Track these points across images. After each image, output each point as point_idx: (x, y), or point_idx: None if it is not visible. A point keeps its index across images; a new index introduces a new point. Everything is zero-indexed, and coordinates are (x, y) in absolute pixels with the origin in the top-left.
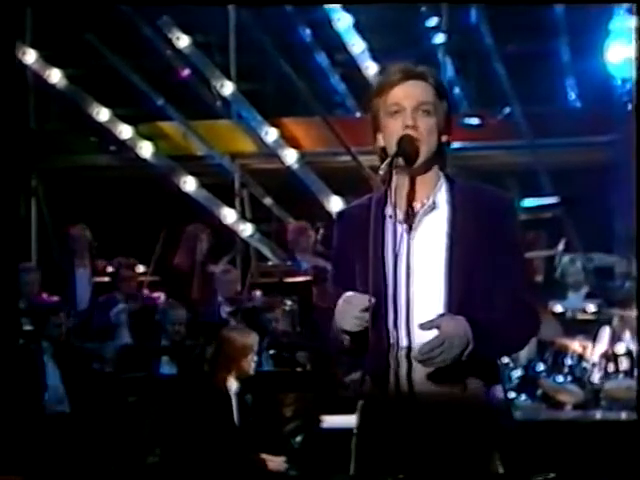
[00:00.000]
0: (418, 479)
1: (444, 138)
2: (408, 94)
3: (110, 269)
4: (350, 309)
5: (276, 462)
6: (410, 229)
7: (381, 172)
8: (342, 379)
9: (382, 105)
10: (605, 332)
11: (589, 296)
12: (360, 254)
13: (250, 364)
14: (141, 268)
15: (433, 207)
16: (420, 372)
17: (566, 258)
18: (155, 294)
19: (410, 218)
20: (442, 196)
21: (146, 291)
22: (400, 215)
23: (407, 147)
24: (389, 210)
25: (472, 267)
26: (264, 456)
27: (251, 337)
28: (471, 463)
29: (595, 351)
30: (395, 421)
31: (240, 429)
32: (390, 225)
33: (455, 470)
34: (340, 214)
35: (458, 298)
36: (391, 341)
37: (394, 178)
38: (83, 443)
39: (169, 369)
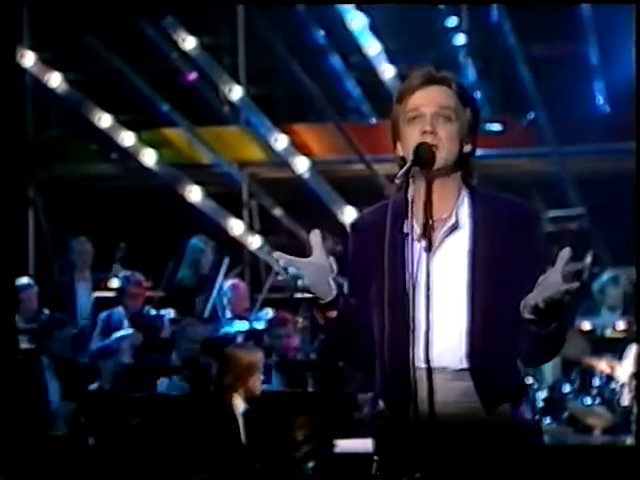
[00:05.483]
0: None
1: (467, 148)
2: (428, 99)
3: (115, 284)
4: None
5: None
6: (430, 248)
7: (397, 181)
8: (356, 400)
9: (402, 112)
10: (632, 350)
11: (624, 313)
12: (376, 271)
13: (256, 383)
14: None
15: (455, 226)
16: (440, 394)
17: (607, 276)
18: (162, 311)
19: (429, 235)
20: (464, 212)
21: (152, 310)
22: (418, 231)
23: (424, 155)
24: (407, 226)
25: (497, 287)
26: None
27: (257, 355)
28: None
29: (624, 371)
30: (416, 447)
31: (247, 452)
32: (408, 242)
33: None
34: (354, 225)
35: (482, 320)
36: (409, 364)
37: (411, 188)
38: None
39: (178, 389)
